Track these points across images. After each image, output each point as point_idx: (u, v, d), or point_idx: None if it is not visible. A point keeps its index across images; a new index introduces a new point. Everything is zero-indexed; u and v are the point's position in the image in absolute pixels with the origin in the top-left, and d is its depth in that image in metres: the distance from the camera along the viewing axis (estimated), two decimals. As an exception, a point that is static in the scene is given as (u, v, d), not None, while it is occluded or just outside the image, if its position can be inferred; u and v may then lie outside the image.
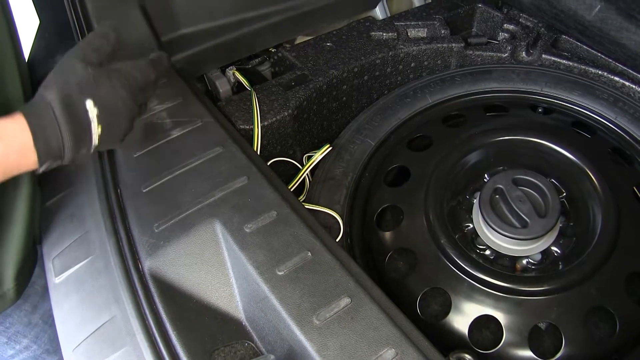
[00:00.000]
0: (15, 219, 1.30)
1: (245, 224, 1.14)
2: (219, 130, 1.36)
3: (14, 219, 1.30)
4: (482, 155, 1.57)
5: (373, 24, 1.96)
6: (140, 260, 1.14)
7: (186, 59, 1.70)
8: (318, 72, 1.75)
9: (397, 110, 1.73)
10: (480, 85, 1.79)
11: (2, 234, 1.28)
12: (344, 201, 1.51)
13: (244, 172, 1.24)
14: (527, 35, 1.95)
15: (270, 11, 1.84)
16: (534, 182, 1.41)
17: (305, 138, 1.74)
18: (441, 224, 1.42)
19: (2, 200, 1.26)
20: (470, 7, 2.10)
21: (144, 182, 1.27)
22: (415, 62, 1.91)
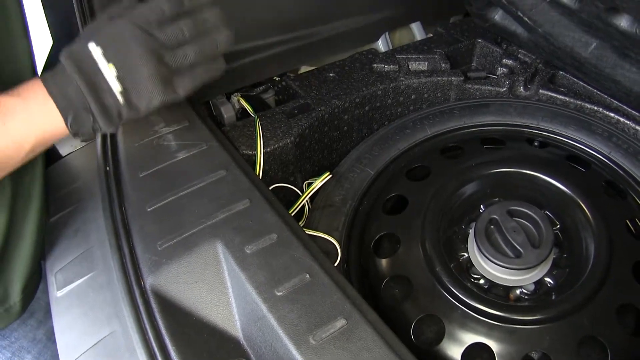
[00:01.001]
0: (25, 234, 1.34)
1: (246, 245, 1.17)
2: (223, 154, 1.40)
3: (23, 233, 1.33)
4: (478, 187, 1.61)
5: (375, 56, 2.01)
6: (142, 276, 1.17)
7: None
8: (321, 101, 1.79)
9: (397, 141, 1.77)
10: (478, 118, 1.83)
11: (11, 248, 1.31)
12: (343, 228, 1.54)
13: (247, 195, 1.27)
14: (525, 70, 1.99)
15: (276, 41, 1.89)
16: (529, 213, 1.44)
17: (306, 165, 1.78)
18: (437, 253, 1.45)
19: (14, 214, 1.29)
20: (471, 42, 2.15)
21: (148, 202, 1.29)
22: (415, 94, 1.95)
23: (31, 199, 1.35)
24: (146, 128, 1.48)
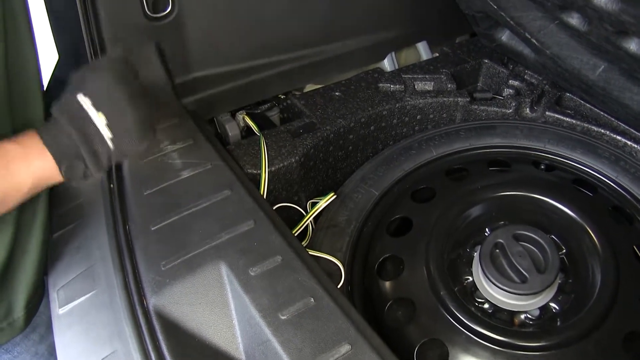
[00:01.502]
0: (29, 248, 1.34)
1: (251, 267, 1.16)
2: (228, 174, 1.39)
3: (28, 248, 1.33)
4: (483, 210, 1.60)
5: (381, 76, 2.01)
6: (145, 296, 1.16)
7: (198, 102, 1.75)
8: (326, 120, 1.79)
9: (402, 162, 1.77)
10: (484, 140, 1.82)
11: (15, 262, 1.31)
12: (347, 249, 1.53)
13: (251, 216, 1.27)
14: (531, 92, 1.99)
15: (282, 59, 1.89)
16: (534, 238, 1.43)
17: (310, 184, 1.77)
18: (441, 276, 1.44)
19: (19, 229, 1.29)
20: (477, 62, 2.15)
21: (152, 221, 1.29)
22: (421, 114, 1.95)
23: (36, 214, 1.35)
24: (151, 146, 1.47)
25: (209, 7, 1.68)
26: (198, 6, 1.65)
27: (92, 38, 1.54)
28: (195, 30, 1.68)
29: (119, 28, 1.56)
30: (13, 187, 1.03)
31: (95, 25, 1.52)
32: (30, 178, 1.05)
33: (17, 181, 1.03)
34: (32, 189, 1.06)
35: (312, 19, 1.91)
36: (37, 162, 1.04)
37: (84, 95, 1.06)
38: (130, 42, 1.59)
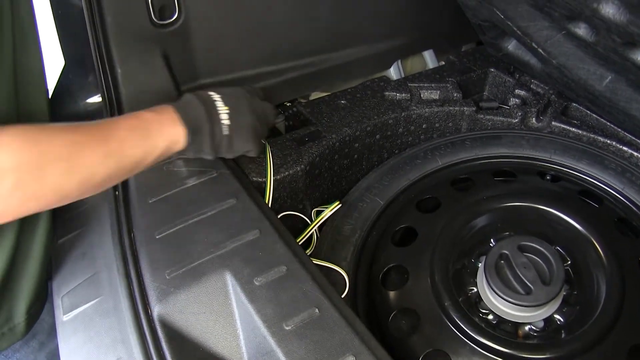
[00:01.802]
0: (32, 254, 1.34)
1: (255, 277, 1.16)
2: (233, 182, 1.39)
3: (30, 253, 1.34)
4: (488, 220, 1.60)
5: (387, 84, 2.00)
6: (150, 304, 1.17)
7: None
8: (331, 129, 1.78)
9: (407, 171, 1.76)
10: (489, 150, 1.82)
11: (18, 267, 1.31)
12: (351, 258, 1.53)
13: (256, 225, 1.27)
14: (537, 101, 1.98)
15: (288, 67, 1.90)
16: (540, 249, 1.42)
17: (315, 193, 1.77)
18: (445, 287, 1.44)
19: (22, 233, 1.29)
20: (483, 71, 2.15)
21: (157, 228, 1.29)
22: (426, 123, 1.95)
23: (40, 219, 1.35)
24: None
25: (215, 14, 1.68)
26: (204, 13, 1.66)
27: (99, 44, 1.54)
28: (202, 37, 1.69)
29: (126, 35, 1.55)
30: (151, 147, 1.21)
31: (102, 32, 1.52)
32: (164, 141, 1.23)
33: (154, 143, 1.21)
34: (163, 152, 1.24)
35: (318, 27, 1.91)
36: (169, 129, 1.25)
37: (215, 94, 1.36)
38: (137, 49, 1.59)
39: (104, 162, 1.11)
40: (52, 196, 1.05)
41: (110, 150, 1.12)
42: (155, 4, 1.55)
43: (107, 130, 1.14)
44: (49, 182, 1.02)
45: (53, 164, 1.02)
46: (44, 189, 1.02)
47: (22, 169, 0.97)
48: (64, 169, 1.04)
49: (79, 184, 1.08)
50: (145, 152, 1.20)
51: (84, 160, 1.07)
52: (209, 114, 1.31)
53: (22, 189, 0.98)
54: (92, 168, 1.09)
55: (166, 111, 1.27)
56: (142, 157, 1.19)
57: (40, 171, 0.99)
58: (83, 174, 1.07)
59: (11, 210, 1.01)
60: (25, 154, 0.98)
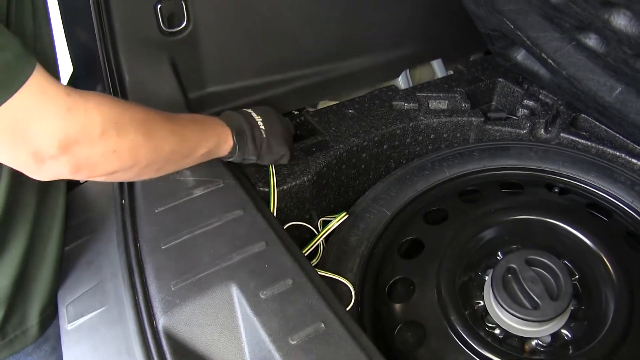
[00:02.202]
0: (46, 257, 1.36)
1: (261, 290, 1.16)
2: (240, 193, 1.39)
3: (44, 256, 1.35)
4: (496, 233, 1.59)
5: (395, 93, 2.00)
6: (154, 316, 1.16)
7: (211, 117, 1.74)
8: (339, 139, 1.78)
9: (415, 182, 1.76)
10: (497, 161, 1.81)
11: (31, 270, 1.32)
12: (357, 269, 1.52)
13: (263, 237, 1.26)
14: (546, 112, 1.98)
15: (296, 75, 1.90)
16: (547, 263, 1.41)
17: (322, 202, 1.76)
18: (452, 300, 1.43)
19: (37, 236, 1.31)
20: (491, 81, 2.14)
21: (163, 239, 1.29)
22: (434, 133, 1.94)
23: (54, 222, 1.37)
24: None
25: (224, 23, 1.68)
26: (213, 21, 1.66)
27: (107, 51, 1.55)
28: (210, 45, 1.69)
29: (134, 42, 1.56)
30: (205, 139, 1.34)
31: (110, 39, 1.53)
32: (215, 137, 1.37)
33: (208, 135, 1.35)
34: (213, 148, 1.37)
35: (326, 36, 1.91)
36: (220, 128, 1.39)
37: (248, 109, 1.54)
38: (145, 57, 1.59)
39: (170, 138, 1.23)
40: (127, 155, 1.12)
41: (174, 129, 1.24)
42: (164, 12, 1.55)
43: (171, 115, 1.27)
44: (127, 139, 1.11)
45: (131, 123, 1.12)
46: (122, 143, 1.10)
47: (108, 122, 1.07)
48: (140, 129, 1.14)
49: (150, 150, 1.17)
50: (200, 141, 1.32)
51: (155, 128, 1.19)
52: (247, 121, 1.47)
53: (106, 140, 1.07)
54: (161, 139, 1.20)
55: (212, 117, 1.42)
56: (197, 144, 1.31)
57: (120, 126, 1.09)
58: (155, 140, 1.18)
59: (93, 162, 1.08)
60: (108, 110, 1.08)
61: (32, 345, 1.41)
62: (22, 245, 1.28)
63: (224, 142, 1.39)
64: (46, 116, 0.99)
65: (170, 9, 1.55)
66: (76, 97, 1.03)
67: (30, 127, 0.98)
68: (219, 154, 1.40)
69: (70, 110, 1.01)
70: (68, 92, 1.02)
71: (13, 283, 1.28)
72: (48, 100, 0.99)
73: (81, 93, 1.05)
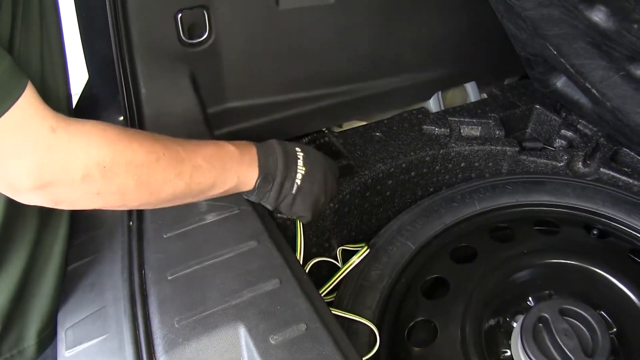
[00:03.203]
0: (46, 275, 1.30)
1: (272, 334, 1.06)
2: (256, 222, 1.29)
3: (45, 274, 1.30)
4: (528, 276, 1.50)
5: (426, 117, 1.91)
6: (155, 354, 1.07)
7: (231, 134, 1.68)
8: (364, 164, 1.70)
9: (442, 214, 1.66)
10: (532, 196, 1.72)
11: (31, 289, 1.28)
12: (376, 307, 1.43)
13: (277, 274, 1.17)
14: (585, 144, 1.88)
15: (322, 94, 1.82)
16: (583, 314, 1.31)
17: (343, 230, 1.67)
18: (477, 347, 1.33)
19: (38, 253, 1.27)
20: (528, 108, 2.05)
21: (170, 268, 1.20)
22: (465, 162, 1.84)
23: (56, 240, 1.32)
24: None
25: (248, 36, 1.61)
26: (237, 33, 1.58)
27: (123, 61, 1.48)
28: (232, 58, 1.61)
29: (152, 53, 1.49)
30: (222, 182, 1.24)
31: (127, 48, 1.46)
32: (235, 179, 1.26)
33: (226, 178, 1.24)
34: (231, 189, 1.27)
35: (356, 53, 1.82)
36: (245, 169, 1.27)
37: (300, 150, 1.36)
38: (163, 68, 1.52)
39: (174, 182, 1.14)
40: (113, 198, 1.08)
41: (182, 172, 1.15)
42: (184, 22, 1.48)
43: (185, 151, 1.17)
44: (115, 183, 1.05)
45: (122, 167, 1.05)
46: (108, 187, 1.05)
47: (93, 166, 1.01)
48: (133, 174, 1.07)
49: (144, 195, 1.12)
50: (215, 183, 1.23)
51: (155, 172, 1.11)
52: (286, 168, 1.32)
53: (89, 184, 1.01)
54: (161, 183, 1.13)
55: (248, 150, 1.29)
56: (210, 187, 1.22)
57: (107, 170, 1.03)
58: (151, 186, 1.11)
59: (73, 200, 1.05)
60: (96, 152, 1.01)
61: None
62: (22, 262, 1.23)
63: (244, 184, 1.29)
64: (24, 152, 0.94)
65: (191, 19, 1.49)
66: (61, 134, 0.97)
67: (6, 159, 0.94)
68: (235, 192, 1.31)
69: (50, 149, 0.96)
70: (54, 126, 0.96)
71: (10, 301, 1.22)
72: (28, 134, 0.94)
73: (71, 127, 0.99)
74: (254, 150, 1.30)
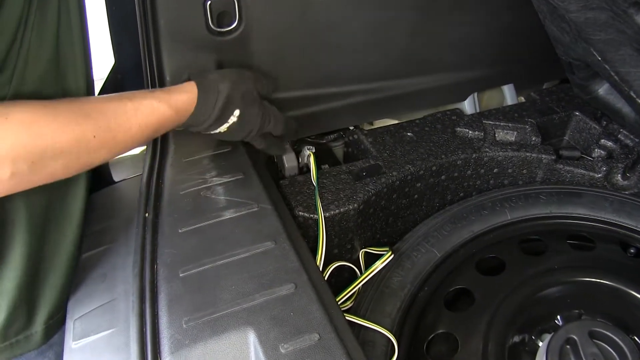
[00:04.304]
0: (58, 264, 1.31)
1: (282, 342, 1.01)
2: (275, 221, 1.24)
3: (56, 263, 1.31)
4: (557, 293, 1.43)
5: (460, 119, 1.84)
6: (160, 354, 1.03)
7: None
8: (393, 165, 1.64)
9: (472, 222, 1.60)
10: (566, 208, 1.64)
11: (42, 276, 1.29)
12: (396, 315, 1.38)
13: (293, 279, 1.12)
14: (625, 155, 1.80)
15: (353, 90, 1.77)
16: (614, 339, 1.25)
17: (366, 232, 1.62)
18: (500, 365, 1.27)
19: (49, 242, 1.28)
20: (566, 114, 1.97)
21: (183, 265, 1.16)
22: (498, 168, 1.78)
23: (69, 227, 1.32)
24: (196, 174, 1.38)
25: (279, 26, 1.57)
26: (267, 24, 1.55)
27: (149, 47, 1.46)
28: (262, 50, 1.58)
29: (179, 39, 1.47)
30: None
31: (154, 35, 1.43)
32: None
33: None
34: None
35: (391, 50, 1.77)
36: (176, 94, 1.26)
37: (239, 112, 1.35)
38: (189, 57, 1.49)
39: (103, 156, 1.15)
40: (43, 182, 1.07)
41: (113, 147, 1.16)
42: (213, 9, 1.45)
43: (117, 122, 1.15)
44: (44, 173, 1.05)
45: (53, 159, 1.04)
46: (38, 177, 1.05)
47: (21, 163, 0.99)
48: (63, 163, 1.07)
49: (73, 172, 1.13)
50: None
51: (85, 156, 1.10)
52: (218, 121, 1.33)
53: (18, 178, 1.00)
54: (90, 160, 1.13)
55: (182, 101, 1.27)
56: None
57: (38, 165, 1.02)
58: (80, 165, 1.12)
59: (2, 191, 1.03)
60: (29, 148, 1.00)
61: (35, 352, 1.36)
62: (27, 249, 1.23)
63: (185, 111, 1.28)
64: None
65: (221, 6, 1.45)
66: None
67: None
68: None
69: None
70: None
71: (18, 286, 1.24)
72: None
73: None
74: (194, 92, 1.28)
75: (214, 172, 1.37)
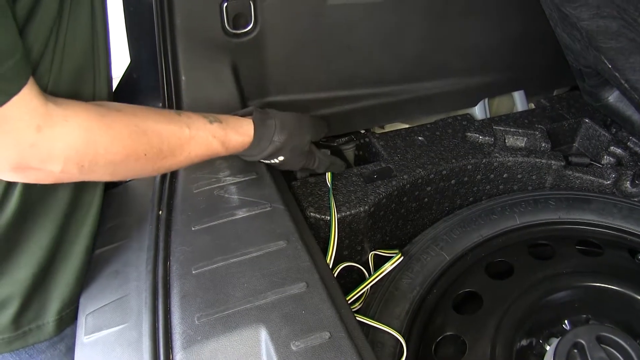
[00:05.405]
0: (73, 258, 1.31)
1: (294, 340, 1.02)
2: (287, 220, 1.26)
3: (71, 256, 1.31)
4: (565, 298, 1.44)
5: (470, 124, 1.85)
6: (172, 349, 1.04)
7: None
8: (404, 168, 1.65)
9: (481, 226, 1.61)
10: (575, 214, 1.65)
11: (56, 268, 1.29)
12: (405, 317, 1.39)
13: (304, 277, 1.13)
14: (635, 163, 1.81)
15: (365, 93, 1.78)
16: (621, 344, 1.25)
17: (376, 235, 1.63)
18: (507, 369, 1.28)
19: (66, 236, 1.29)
20: (576, 121, 1.98)
21: (195, 262, 1.17)
22: (508, 173, 1.78)
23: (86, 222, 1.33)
24: (209, 173, 1.39)
25: (294, 28, 1.58)
26: (282, 26, 1.56)
27: (165, 47, 1.46)
28: (277, 51, 1.59)
29: (195, 41, 1.48)
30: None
31: (170, 35, 1.44)
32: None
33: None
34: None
35: (404, 54, 1.78)
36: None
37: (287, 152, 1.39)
38: (205, 57, 1.50)
39: (148, 172, 1.21)
40: (88, 181, 1.18)
41: (160, 167, 1.20)
42: (230, 11, 1.46)
43: (170, 148, 1.18)
44: (91, 177, 1.11)
45: (103, 168, 1.08)
46: (85, 178, 1.11)
47: (72, 165, 1.03)
48: (110, 172, 1.11)
49: (117, 179, 1.21)
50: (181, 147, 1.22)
51: (133, 170, 1.15)
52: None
53: (67, 176, 1.07)
54: (135, 174, 1.23)
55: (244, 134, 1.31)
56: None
57: (85, 168, 1.05)
58: (126, 176, 1.20)
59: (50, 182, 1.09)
60: (75, 154, 1.02)
61: (47, 343, 1.36)
62: (47, 240, 1.24)
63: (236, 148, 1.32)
64: (6, 145, 0.96)
65: (237, 8, 1.46)
66: (47, 133, 0.98)
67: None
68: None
69: (33, 146, 0.98)
70: (41, 125, 0.98)
71: (33, 275, 1.24)
72: (13, 131, 0.96)
73: (56, 128, 1.00)
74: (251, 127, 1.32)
75: (228, 172, 1.38)
